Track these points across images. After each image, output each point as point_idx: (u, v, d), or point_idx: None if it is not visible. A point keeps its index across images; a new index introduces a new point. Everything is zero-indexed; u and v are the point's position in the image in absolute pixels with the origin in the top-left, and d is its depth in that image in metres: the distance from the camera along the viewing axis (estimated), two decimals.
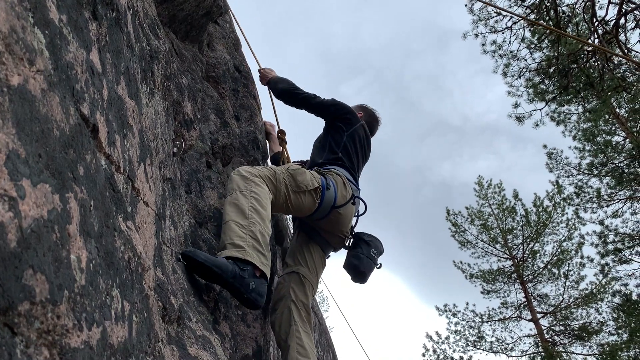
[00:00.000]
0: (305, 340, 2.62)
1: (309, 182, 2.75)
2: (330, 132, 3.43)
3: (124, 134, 1.23)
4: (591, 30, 9.79)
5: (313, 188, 2.76)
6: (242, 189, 2.42)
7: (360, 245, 3.15)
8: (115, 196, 1.05)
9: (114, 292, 0.88)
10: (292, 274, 2.91)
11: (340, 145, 3.30)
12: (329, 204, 2.86)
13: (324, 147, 3.38)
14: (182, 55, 2.76)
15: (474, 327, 18.12)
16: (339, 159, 3.24)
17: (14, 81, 0.66)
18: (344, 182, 3.02)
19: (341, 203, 2.92)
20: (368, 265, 3.09)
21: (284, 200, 2.68)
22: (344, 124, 3.37)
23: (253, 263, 2.14)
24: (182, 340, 1.60)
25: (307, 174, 2.79)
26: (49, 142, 0.73)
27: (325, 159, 3.27)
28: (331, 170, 3.07)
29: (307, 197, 2.76)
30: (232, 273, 2.03)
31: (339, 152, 3.27)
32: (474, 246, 19.22)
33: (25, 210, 0.61)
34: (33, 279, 0.61)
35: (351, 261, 3.09)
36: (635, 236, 14.08)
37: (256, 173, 2.56)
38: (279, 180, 2.66)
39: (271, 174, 2.65)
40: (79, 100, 0.92)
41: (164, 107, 2.09)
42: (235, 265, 2.08)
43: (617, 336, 15.44)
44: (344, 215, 3.00)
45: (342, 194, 2.95)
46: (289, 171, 2.75)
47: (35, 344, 0.61)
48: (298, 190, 2.71)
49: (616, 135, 14.59)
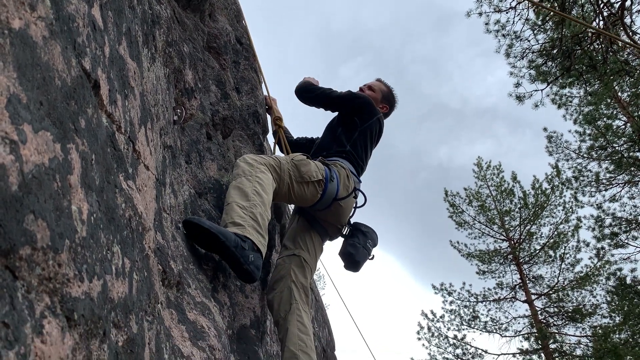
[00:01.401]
0: (305, 318, 2.67)
1: (312, 174, 2.78)
2: (343, 123, 3.43)
3: (125, 95, 1.21)
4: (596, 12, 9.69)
5: (316, 180, 2.80)
6: (247, 174, 2.47)
7: (357, 235, 3.20)
8: (116, 154, 1.04)
9: (115, 247, 0.88)
10: (293, 256, 2.95)
11: (350, 140, 3.32)
12: (331, 196, 2.91)
13: (334, 136, 3.40)
14: (183, 23, 2.72)
15: (469, 306, 18.29)
16: (346, 152, 3.28)
17: (15, 24, 0.64)
18: (347, 174, 3.06)
19: (343, 196, 2.97)
20: (363, 255, 3.15)
21: (287, 190, 2.72)
22: (359, 119, 3.38)
23: (252, 240, 2.18)
24: (182, 305, 1.60)
25: (311, 165, 2.82)
26: (50, 90, 0.71)
27: (332, 150, 3.30)
28: (336, 162, 3.11)
29: (310, 188, 2.80)
30: (234, 242, 2.07)
31: (347, 145, 3.30)
32: (471, 227, 19.29)
33: (26, 155, 0.60)
34: (34, 225, 0.60)
35: (347, 249, 3.13)
36: (632, 220, 14.13)
37: (261, 161, 2.60)
38: (283, 170, 2.70)
39: (276, 164, 2.69)
40: (81, 54, 0.90)
41: (165, 73, 2.06)
42: (237, 237, 2.12)
43: (610, 319, 15.62)
44: (345, 207, 3.05)
45: (345, 187, 2.99)
46: (294, 161, 2.78)
47: (37, 290, 0.60)
48: (301, 181, 2.75)
49: (617, 120, 14.55)
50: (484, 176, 19.42)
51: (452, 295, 18.53)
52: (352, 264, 3.15)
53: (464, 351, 17.45)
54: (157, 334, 1.18)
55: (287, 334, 2.58)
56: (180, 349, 1.43)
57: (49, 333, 0.61)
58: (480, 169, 19.63)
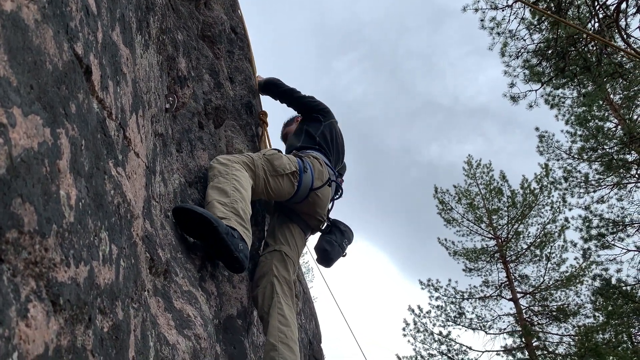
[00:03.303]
0: (286, 311, 2.69)
1: (285, 166, 2.82)
2: (306, 121, 3.58)
3: (117, 81, 1.20)
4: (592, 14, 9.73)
5: (291, 172, 2.84)
6: (222, 173, 2.49)
7: (334, 232, 3.29)
8: (106, 140, 1.03)
9: (103, 234, 0.88)
10: (274, 252, 2.98)
11: (318, 131, 3.43)
12: (307, 187, 2.95)
13: (301, 132, 3.51)
14: (178, 10, 2.70)
15: (455, 303, 18.41)
16: (317, 143, 3.36)
17: (7, 7, 0.64)
18: (320, 164, 3.11)
19: (318, 185, 3.02)
20: (337, 253, 3.24)
21: (264, 186, 2.75)
22: (321, 115, 3.54)
23: (238, 231, 2.21)
24: (168, 294, 1.60)
25: (283, 158, 2.86)
26: (41, 74, 0.71)
27: (303, 143, 3.38)
28: (309, 154, 3.17)
29: (286, 181, 2.83)
30: (225, 229, 2.08)
31: (316, 137, 3.39)
32: (460, 224, 19.39)
33: (15, 139, 0.60)
34: (22, 208, 0.60)
35: (323, 245, 3.20)
36: (619, 222, 14.26)
37: (235, 160, 2.63)
38: (257, 166, 2.72)
39: (249, 160, 2.71)
40: (73, 38, 0.89)
41: (158, 61, 2.05)
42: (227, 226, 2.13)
43: (593, 319, 15.78)
44: (322, 197, 3.10)
45: (319, 176, 3.04)
46: (266, 156, 2.82)
47: (23, 273, 0.60)
48: (276, 174, 2.79)
49: (608, 122, 14.65)
50: (474, 174, 19.51)
51: (439, 291, 18.64)
52: (325, 260, 3.25)
53: (448, 347, 17.58)
54: (143, 321, 1.18)
55: (268, 327, 2.61)
56: (166, 336, 1.44)
57: (34, 317, 0.61)
58: (470, 167, 19.71)
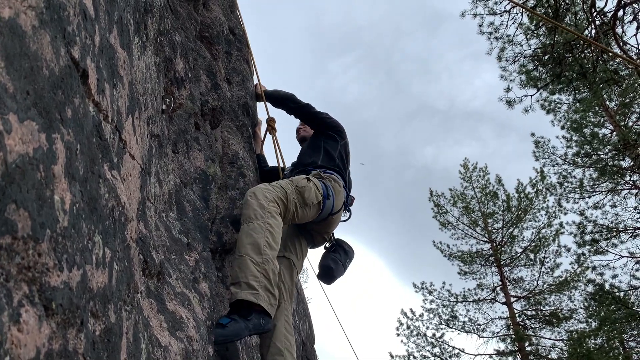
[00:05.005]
0: (290, 319, 2.84)
1: (314, 198, 2.93)
2: (322, 137, 3.59)
3: (113, 84, 1.21)
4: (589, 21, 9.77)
5: (318, 202, 2.95)
6: (258, 219, 2.52)
7: (339, 251, 3.41)
8: (102, 144, 1.04)
9: (96, 238, 0.88)
10: (283, 258, 3.07)
11: (336, 152, 3.48)
12: (327, 212, 3.07)
13: (319, 149, 3.52)
14: (176, 11, 2.71)
15: (448, 306, 18.45)
16: (337, 165, 3.42)
17: (5, 14, 0.64)
18: (340, 188, 3.22)
19: (337, 210, 3.16)
20: (340, 272, 3.38)
21: (292, 216, 2.84)
22: (337, 135, 3.57)
23: (262, 305, 2.28)
24: (161, 295, 1.61)
25: (312, 190, 2.94)
26: (37, 80, 0.72)
27: (325, 163, 3.42)
28: (330, 177, 3.25)
29: (312, 210, 2.95)
30: (247, 330, 2.19)
31: (336, 158, 3.44)
32: (455, 228, 19.43)
33: (10, 145, 0.61)
34: (16, 214, 0.60)
35: (329, 263, 3.32)
36: (613, 228, 14.32)
37: (271, 197, 2.66)
38: (290, 201, 2.80)
39: (283, 195, 2.76)
40: (70, 43, 0.90)
41: (155, 62, 2.06)
42: (242, 320, 2.20)
43: (586, 324, 15.84)
44: (336, 219, 3.25)
45: (339, 201, 3.17)
46: (298, 188, 2.89)
47: (15, 278, 0.61)
48: (304, 205, 2.88)
49: (603, 128, 14.72)
50: (470, 178, 19.56)
51: (433, 294, 18.68)
52: (328, 277, 3.38)
53: (441, 350, 17.61)
54: (135, 324, 1.19)
55: (275, 331, 2.69)
56: (158, 338, 1.44)
57: (26, 321, 0.62)
58: (466, 170, 19.76)
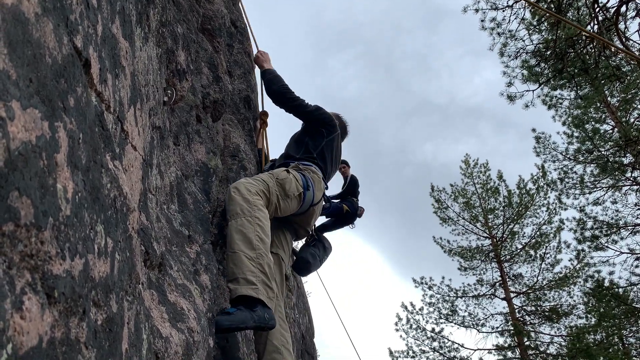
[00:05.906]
0: (284, 315, 2.87)
1: (294, 190, 2.96)
2: (309, 132, 3.60)
3: (115, 74, 1.20)
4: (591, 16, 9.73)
5: (299, 193, 2.99)
6: (246, 214, 2.54)
7: (319, 246, 3.47)
8: (104, 134, 1.04)
9: (98, 227, 0.88)
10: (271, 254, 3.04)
11: (317, 148, 3.48)
12: (308, 203, 3.10)
13: (301, 144, 3.54)
14: (178, 3, 2.70)
15: (448, 301, 18.49)
16: (314, 158, 3.44)
17: (8, 0, 0.64)
18: (319, 179, 3.27)
19: (317, 200, 3.19)
20: (315, 267, 3.44)
21: (274, 209, 2.87)
22: (325, 130, 3.56)
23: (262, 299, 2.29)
24: (162, 287, 1.61)
25: (292, 182, 2.98)
26: (40, 68, 0.71)
27: (303, 155, 3.45)
28: (309, 168, 3.29)
29: (293, 201, 2.98)
30: (252, 320, 2.19)
31: (314, 153, 3.46)
32: (455, 223, 19.44)
33: (13, 132, 0.61)
34: (18, 201, 0.60)
35: (307, 257, 3.37)
36: (613, 224, 14.32)
37: (254, 191, 2.68)
38: (272, 193, 2.82)
39: (265, 188, 2.79)
40: (73, 31, 0.90)
41: (157, 54, 2.05)
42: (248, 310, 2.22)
43: (585, 320, 15.87)
44: (317, 210, 3.28)
45: (319, 192, 3.21)
46: (278, 181, 2.92)
47: (18, 266, 0.61)
48: (286, 197, 2.91)
49: (605, 124, 14.69)
50: (471, 173, 19.54)
51: (432, 289, 18.72)
52: (304, 270, 3.45)
53: (441, 344, 17.66)
54: (137, 314, 1.19)
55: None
56: (159, 329, 1.44)
57: (29, 309, 0.62)
58: (467, 166, 19.74)
